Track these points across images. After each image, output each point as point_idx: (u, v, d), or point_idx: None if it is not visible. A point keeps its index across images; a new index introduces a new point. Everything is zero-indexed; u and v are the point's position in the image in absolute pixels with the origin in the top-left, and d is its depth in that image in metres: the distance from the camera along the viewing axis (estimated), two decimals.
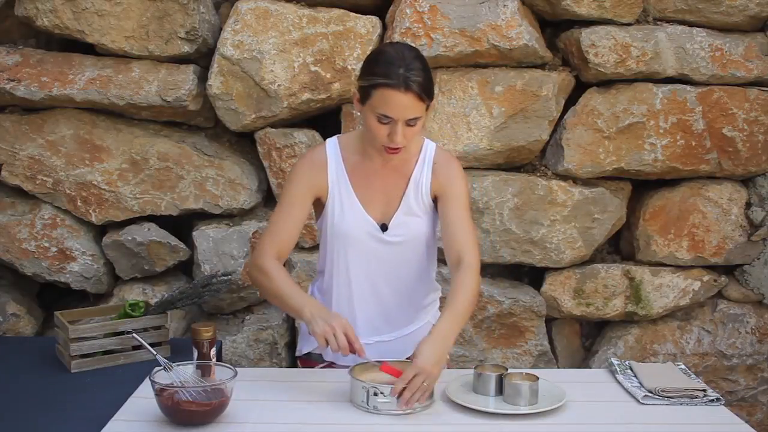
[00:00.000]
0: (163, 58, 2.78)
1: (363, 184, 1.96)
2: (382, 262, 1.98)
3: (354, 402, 1.75)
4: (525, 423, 1.69)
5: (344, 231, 1.95)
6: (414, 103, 1.77)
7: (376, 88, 1.77)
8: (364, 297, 2.00)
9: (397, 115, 1.77)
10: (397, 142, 1.80)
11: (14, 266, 2.87)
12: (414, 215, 1.98)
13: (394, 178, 1.97)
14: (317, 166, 1.96)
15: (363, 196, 1.95)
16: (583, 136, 2.84)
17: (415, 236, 2.00)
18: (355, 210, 1.95)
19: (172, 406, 1.62)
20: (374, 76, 1.79)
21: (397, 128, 1.79)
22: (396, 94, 1.76)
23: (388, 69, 1.77)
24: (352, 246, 1.96)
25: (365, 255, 1.97)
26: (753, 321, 3.05)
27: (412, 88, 1.76)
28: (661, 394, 1.84)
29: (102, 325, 2.21)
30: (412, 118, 1.79)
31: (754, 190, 2.99)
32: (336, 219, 1.95)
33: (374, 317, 2.02)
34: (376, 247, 1.97)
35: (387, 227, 1.96)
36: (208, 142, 2.93)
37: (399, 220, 1.96)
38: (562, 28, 2.90)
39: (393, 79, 1.75)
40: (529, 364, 2.95)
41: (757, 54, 2.87)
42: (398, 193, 1.97)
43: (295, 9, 2.76)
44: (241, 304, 2.93)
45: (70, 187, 2.83)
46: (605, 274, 2.96)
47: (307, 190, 1.95)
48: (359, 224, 1.94)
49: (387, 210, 1.96)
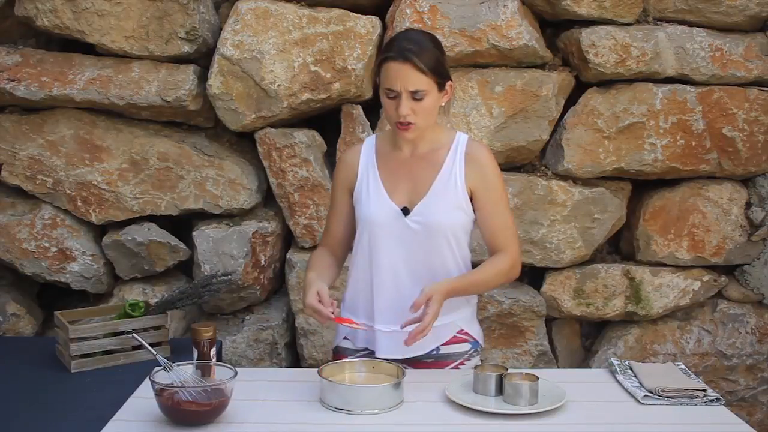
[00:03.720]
0: (163, 58, 2.78)
1: (390, 173, 1.99)
2: (403, 248, 1.97)
3: (328, 403, 1.75)
4: (525, 423, 1.69)
5: (367, 216, 1.98)
6: (413, 74, 1.84)
7: (381, 64, 1.89)
8: (384, 284, 1.98)
9: (398, 86, 1.84)
10: (401, 113, 1.86)
11: (14, 266, 2.87)
12: (442, 204, 1.96)
13: (423, 168, 1.99)
14: (349, 162, 2.05)
15: (389, 184, 1.98)
16: (583, 136, 2.84)
17: (439, 224, 1.96)
18: (379, 195, 1.97)
19: (172, 406, 1.62)
20: (381, 55, 1.91)
21: (402, 100, 1.85)
22: (394, 65, 1.84)
23: (390, 45, 1.91)
24: (374, 231, 1.97)
25: (387, 240, 1.97)
26: (753, 321, 3.05)
27: (410, 58, 1.83)
28: (661, 394, 1.84)
29: (102, 325, 2.21)
30: (414, 90, 1.85)
31: (754, 190, 2.99)
32: (363, 205, 1.99)
33: (393, 305, 1.97)
34: (398, 232, 1.96)
35: (409, 211, 1.96)
36: (208, 142, 2.93)
37: (423, 207, 1.95)
38: (562, 28, 2.90)
39: (392, 51, 1.86)
40: (529, 364, 2.95)
41: (757, 54, 2.87)
42: (427, 181, 1.97)
43: (295, 9, 2.76)
44: (241, 304, 2.93)
45: (70, 187, 2.83)
46: (605, 274, 2.96)
47: (341, 185, 2.06)
48: (382, 209, 1.96)
49: (413, 198, 1.97)
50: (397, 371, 1.82)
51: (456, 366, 2.02)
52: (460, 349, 2.03)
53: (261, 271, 2.89)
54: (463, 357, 2.03)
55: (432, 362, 2.01)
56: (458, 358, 2.03)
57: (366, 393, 1.74)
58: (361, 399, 1.71)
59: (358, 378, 1.85)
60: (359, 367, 1.88)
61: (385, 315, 1.98)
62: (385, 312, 1.99)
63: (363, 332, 2.02)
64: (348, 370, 1.87)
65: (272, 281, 2.99)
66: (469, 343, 2.05)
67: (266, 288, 2.95)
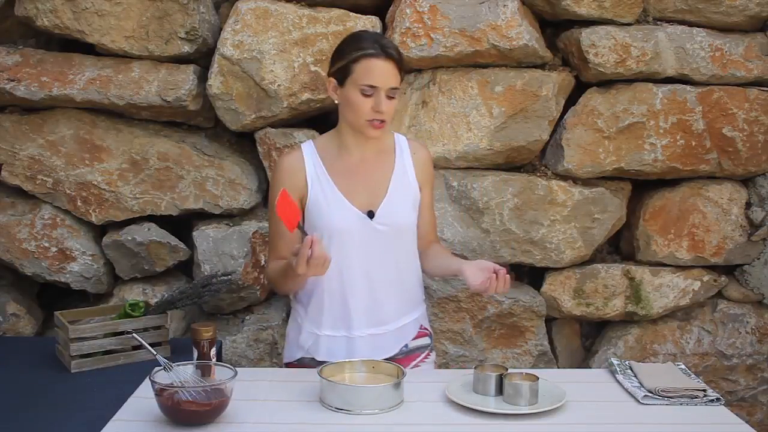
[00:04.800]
0: (163, 58, 2.78)
1: (344, 178, 1.99)
2: (372, 252, 1.99)
3: (328, 403, 1.75)
4: (525, 423, 1.69)
5: (331, 224, 1.97)
6: (393, 70, 1.90)
7: (357, 61, 1.89)
8: (356, 289, 2.01)
9: (381, 82, 1.88)
10: (382, 110, 1.89)
11: (14, 266, 2.87)
12: (401, 203, 2.03)
13: (377, 169, 2.02)
14: (294, 170, 2.01)
15: (346, 189, 1.98)
16: (583, 136, 2.84)
17: (404, 224, 2.04)
18: (339, 201, 1.97)
19: (172, 406, 1.62)
20: (353, 51, 1.91)
21: (381, 97, 1.89)
22: (377, 62, 1.88)
23: (364, 43, 1.92)
24: (341, 239, 1.97)
25: (355, 246, 1.99)
26: (753, 321, 3.05)
27: (392, 54, 1.90)
28: (661, 394, 1.84)
29: (102, 325, 2.21)
30: (392, 87, 1.90)
31: (754, 190, 2.99)
32: (324, 215, 1.97)
33: (368, 309, 2.03)
34: (366, 236, 1.98)
35: (374, 214, 1.98)
36: (208, 142, 2.93)
37: (386, 209, 1.99)
38: (562, 28, 2.90)
39: (372, 49, 1.89)
40: (529, 364, 2.95)
41: (757, 54, 2.87)
42: (383, 182, 2.01)
43: (295, 9, 2.76)
44: (241, 304, 2.93)
45: (70, 187, 2.83)
46: (605, 274, 2.96)
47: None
48: (345, 215, 1.97)
49: (372, 200, 1.99)
50: (397, 371, 1.82)
51: (423, 359, 2.15)
52: (423, 342, 2.16)
53: (261, 271, 2.89)
54: (427, 350, 2.17)
55: (402, 358, 2.10)
56: (423, 350, 2.16)
57: (366, 393, 1.74)
58: (361, 399, 1.72)
59: (358, 378, 1.86)
60: (359, 367, 1.88)
61: (362, 320, 2.03)
62: (362, 317, 2.03)
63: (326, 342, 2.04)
64: (348, 370, 1.87)
65: None
66: (428, 337, 2.19)
67: (266, 288, 2.95)
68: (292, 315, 2.16)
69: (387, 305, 2.06)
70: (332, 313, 2.03)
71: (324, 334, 2.05)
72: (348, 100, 1.92)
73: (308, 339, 2.07)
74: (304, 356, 2.09)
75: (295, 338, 2.11)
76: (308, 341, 2.07)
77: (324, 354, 2.04)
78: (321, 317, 2.04)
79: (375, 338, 2.04)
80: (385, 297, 2.04)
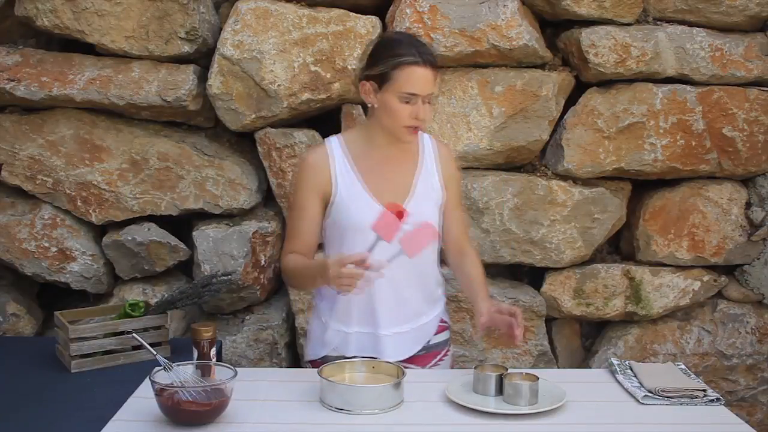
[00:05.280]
0: (163, 58, 2.78)
1: (372, 175, 1.99)
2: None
3: (328, 403, 1.75)
4: (525, 423, 1.69)
5: (360, 223, 1.94)
6: (432, 77, 1.90)
7: (398, 67, 1.88)
8: (383, 289, 1.99)
9: (422, 90, 1.88)
10: (421, 117, 1.90)
11: (14, 266, 2.87)
12: (426, 202, 2.02)
13: (403, 167, 2.02)
14: (319, 167, 2.00)
15: (373, 187, 1.98)
16: (583, 136, 2.84)
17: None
18: (365, 200, 1.96)
19: (172, 406, 1.62)
20: (395, 58, 1.89)
21: (420, 104, 1.89)
22: (418, 69, 1.87)
23: (403, 49, 1.90)
24: (365, 236, 1.94)
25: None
26: (753, 321, 3.05)
27: (433, 63, 1.91)
28: (661, 394, 1.84)
29: (102, 325, 2.21)
30: (431, 94, 1.91)
31: (754, 190, 2.99)
32: (352, 213, 1.96)
33: (392, 308, 2.03)
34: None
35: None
36: (208, 142, 2.93)
37: (412, 207, 1.97)
38: (562, 28, 2.90)
39: (413, 56, 1.88)
40: (529, 364, 2.95)
41: (757, 54, 2.87)
42: (408, 180, 2.01)
43: (295, 9, 2.76)
44: (241, 304, 2.93)
45: (70, 187, 2.83)
46: (605, 274, 2.96)
47: (312, 192, 2.00)
48: (372, 213, 1.94)
49: (397, 198, 1.98)
50: (397, 371, 1.82)
51: (442, 357, 2.15)
52: (444, 337, 2.17)
53: (261, 271, 2.89)
54: (447, 345, 2.18)
55: (425, 354, 2.11)
56: (443, 346, 2.16)
57: (366, 393, 1.74)
58: (361, 399, 1.72)
59: (358, 378, 1.86)
60: (359, 367, 1.88)
61: (387, 319, 2.03)
62: (387, 316, 2.03)
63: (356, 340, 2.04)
64: (348, 370, 1.87)
65: (272, 281, 2.99)
66: (448, 330, 2.20)
67: (266, 288, 2.95)
68: (315, 313, 2.15)
69: (411, 304, 2.06)
70: (360, 311, 2.03)
71: (353, 332, 2.05)
72: (386, 105, 1.91)
73: (335, 337, 2.06)
74: (328, 354, 2.08)
75: (319, 336, 2.10)
76: (335, 339, 2.06)
77: (354, 350, 2.04)
78: (349, 315, 2.04)
79: (400, 336, 2.05)
80: (409, 296, 2.05)
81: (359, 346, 2.04)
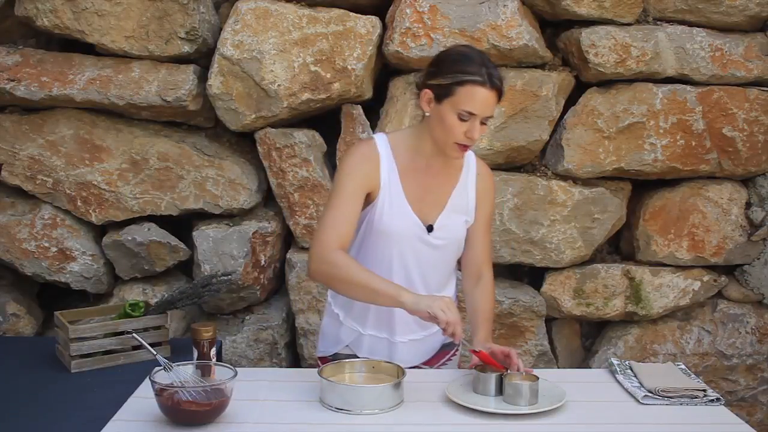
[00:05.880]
0: (163, 58, 2.78)
1: (412, 183, 1.96)
2: (422, 262, 1.99)
3: (330, 404, 1.75)
4: (525, 423, 1.69)
5: (392, 229, 1.93)
6: (494, 100, 1.85)
7: (463, 84, 1.81)
8: None
9: (481, 111, 1.83)
10: (475, 137, 1.85)
11: (14, 266, 2.87)
12: (457, 219, 2.00)
13: (442, 179, 1.99)
14: (371, 161, 1.94)
15: (411, 195, 1.95)
16: (583, 136, 2.84)
17: (456, 239, 2.02)
18: (403, 209, 1.94)
19: (172, 406, 1.62)
20: (460, 74, 1.82)
21: (476, 124, 1.84)
22: (482, 91, 1.81)
23: (474, 67, 1.82)
24: (397, 244, 1.95)
25: (407, 254, 1.97)
26: (753, 321, 3.05)
27: (497, 85, 1.83)
28: (661, 394, 1.84)
29: (102, 325, 2.21)
30: (488, 116, 1.86)
31: (754, 190, 2.99)
32: (385, 217, 1.94)
33: (409, 316, 1.97)
34: (419, 247, 1.97)
35: (432, 228, 1.96)
36: (208, 142, 2.93)
37: (443, 222, 1.97)
38: (562, 28, 2.90)
39: (481, 76, 1.81)
40: (529, 364, 2.95)
41: (757, 54, 2.87)
42: (445, 193, 1.99)
43: (295, 9, 2.76)
44: (241, 304, 2.93)
45: (70, 187, 2.83)
46: (605, 274, 2.96)
47: (362, 183, 1.92)
48: (407, 224, 1.93)
49: (432, 210, 1.97)
50: (397, 371, 1.82)
51: (450, 357, 2.15)
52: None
53: (261, 271, 2.89)
54: (456, 345, 2.15)
55: (438, 354, 2.12)
56: (453, 346, 2.15)
57: (366, 393, 1.74)
58: (361, 399, 1.71)
59: (358, 378, 1.85)
60: (359, 367, 1.88)
61: (404, 326, 2.03)
62: (404, 324, 2.02)
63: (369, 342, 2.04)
64: (348, 370, 1.87)
65: (272, 281, 2.99)
66: None
67: (266, 288, 2.95)
68: (328, 310, 2.13)
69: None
70: (376, 316, 2.02)
71: (368, 334, 2.04)
72: (442, 118, 1.85)
73: (350, 334, 2.06)
74: (340, 351, 2.08)
75: (333, 333, 2.09)
76: (350, 336, 2.06)
77: (366, 352, 2.04)
78: (365, 317, 2.03)
79: (415, 343, 2.06)
80: None
81: (372, 349, 2.04)
